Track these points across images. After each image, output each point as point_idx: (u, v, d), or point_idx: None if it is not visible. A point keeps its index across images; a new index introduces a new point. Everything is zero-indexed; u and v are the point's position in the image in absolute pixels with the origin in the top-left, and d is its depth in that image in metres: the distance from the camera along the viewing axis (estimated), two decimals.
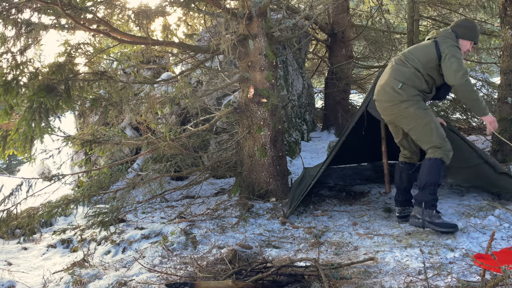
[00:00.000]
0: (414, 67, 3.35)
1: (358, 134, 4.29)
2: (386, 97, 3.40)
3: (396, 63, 3.44)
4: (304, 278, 2.56)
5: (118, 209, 4.00)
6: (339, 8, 7.79)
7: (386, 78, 3.42)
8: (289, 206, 4.00)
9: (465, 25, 3.50)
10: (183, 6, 4.17)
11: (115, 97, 4.10)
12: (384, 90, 3.41)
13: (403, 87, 3.31)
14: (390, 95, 3.36)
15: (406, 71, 3.35)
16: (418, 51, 3.44)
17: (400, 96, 3.31)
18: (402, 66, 3.39)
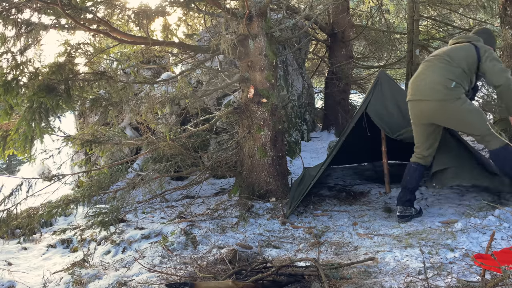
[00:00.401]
0: (461, 67, 3.39)
1: (358, 134, 4.30)
2: (438, 96, 3.38)
3: (441, 62, 3.45)
4: (304, 278, 2.56)
5: (118, 209, 4.00)
6: (339, 8, 7.79)
7: (435, 77, 3.41)
8: (289, 206, 4.00)
9: (487, 32, 3.68)
10: (183, 6, 4.18)
11: (115, 97, 4.10)
12: (434, 89, 3.39)
13: (456, 86, 3.35)
14: (442, 93, 3.36)
15: (455, 70, 3.39)
16: (460, 52, 3.47)
17: (455, 93, 3.35)
18: (450, 66, 3.41)
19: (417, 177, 3.64)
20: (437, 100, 3.39)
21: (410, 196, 3.65)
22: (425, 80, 3.47)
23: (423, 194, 4.33)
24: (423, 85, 3.48)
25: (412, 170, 3.65)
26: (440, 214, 3.73)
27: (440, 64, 3.45)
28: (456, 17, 8.75)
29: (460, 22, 8.96)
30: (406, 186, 3.66)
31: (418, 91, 3.51)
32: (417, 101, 3.52)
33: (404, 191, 3.67)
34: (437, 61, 3.49)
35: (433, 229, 3.33)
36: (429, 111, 3.46)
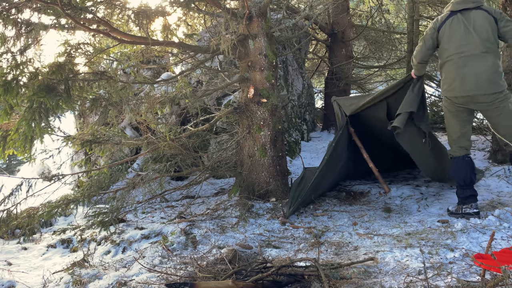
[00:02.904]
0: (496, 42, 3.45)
1: (355, 149, 4.39)
2: (495, 88, 3.37)
3: (488, 52, 3.40)
4: (304, 278, 2.56)
5: (118, 209, 4.00)
6: (339, 8, 7.79)
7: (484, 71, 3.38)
8: (289, 206, 3.99)
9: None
10: (183, 6, 4.17)
11: (115, 97, 4.10)
12: (490, 80, 3.37)
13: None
14: (497, 85, 3.38)
15: (498, 61, 3.45)
16: (488, 28, 3.41)
17: (504, 84, 3.41)
18: (493, 56, 3.43)
19: (472, 167, 3.62)
20: (492, 93, 3.39)
21: (471, 191, 3.56)
22: (478, 75, 3.41)
23: (423, 194, 4.34)
24: (478, 79, 3.40)
25: (470, 163, 3.59)
26: (440, 214, 3.73)
27: (488, 54, 3.39)
28: None
29: None
30: (473, 180, 3.57)
31: (478, 83, 3.39)
32: (478, 95, 3.42)
33: (472, 187, 3.56)
34: (485, 50, 3.40)
35: (433, 229, 3.33)
36: (481, 102, 3.45)
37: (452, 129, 3.61)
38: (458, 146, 3.60)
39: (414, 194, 4.34)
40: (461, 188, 3.57)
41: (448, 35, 3.51)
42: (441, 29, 3.53)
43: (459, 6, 3.49)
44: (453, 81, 3.47)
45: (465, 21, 3.46)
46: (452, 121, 3.60)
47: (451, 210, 3.67)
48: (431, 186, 4.51)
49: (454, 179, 3.68)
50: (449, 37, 3.50)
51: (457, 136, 3.60)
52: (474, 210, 3.49)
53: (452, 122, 3.60)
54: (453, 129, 3.61)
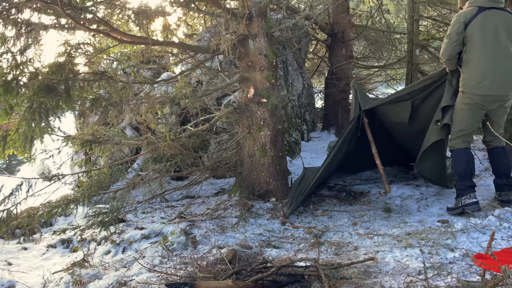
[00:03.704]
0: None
1: (360, 141, 4.35)
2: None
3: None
4: (304, 278, 2.56)
5: (118, 209, 4.00)
6: (339, 8, 7.78)
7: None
8: (289, 206, 3.99)
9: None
10: (183, 6, 4.17)
11: (115, 97, 4.10)
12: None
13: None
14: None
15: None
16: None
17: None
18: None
19: (473, 160, 3.70)
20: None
21: (470, 182, 3.60)
22: (506, 76, 3.45)
23: (423, 194, 4.34)
24: (507, 81, 3.46)
25: (468, 155, 3.64)
26: (440, 214, 3.73)
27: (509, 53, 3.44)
28: None
29: None
30: (467, 173, 3.61)
31: (502, 85, 3.45)
32: (504, 96, 3.49)
33: (464, 180, 3.59)
34: (506, 48, 3.44)
35: (433, 229, 3.33)
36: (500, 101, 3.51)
37: (465, 124, 3.60)
38: (464, 140, 3.62)
39: (414, 194, 4.34)
40: (461, 179, 3.58)
41: (479, 32, 3.42)
42: (470, 24, 3.44)
43: (489, 3, 3.45)
44: (483, 79, 3.42)
45: (497, 20, 3.42)
46: (468, 116, 3.57)
47: (451, 206, 3.69)
48: (431, 186, 4.50)
49: (455, 171, 3.69)
50: (480, 35, 3.41)
51: (468, 131, 3.62)
52: (473, 199, 3.50)
53: (468, 117, 3.57)
54: (466, 124, 3.60)
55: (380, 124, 4.53)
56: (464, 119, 3.59)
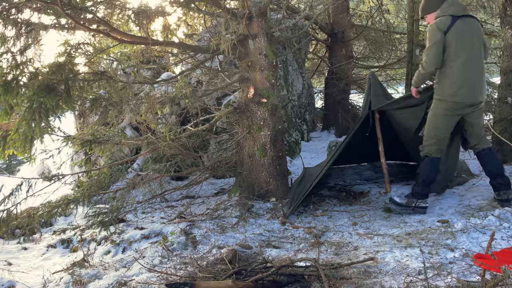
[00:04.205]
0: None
1: (359, 135, 4.31)
2: (485, 95, 3.68)
3: (483, 60, 3.64)
4: (304, 278, 2.56)
5: (118, 209, 4.00)
6: (339, 8, 7.78)
7: (483, 79, 3.62)
8: (289, 206, 4.00)
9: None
10: (183, 6, 4.17)
11: (115, 97, 4.10)
12: (484, 90, 3.65)
13: None
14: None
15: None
16: (482, 38, 3.64)
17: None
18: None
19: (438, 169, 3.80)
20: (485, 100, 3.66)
21: (428, 189, 3.79)
22: (483, 83, 3.62)
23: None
24: (482, 89, 3.62)
25: (438, 165, 3.74)
26: (440, 214, 3.73)
27: (481, 60, 3.59)
28: None
29: None
30: (431, 181, 3.75)
31: (479, 94, 3.59)
32: (477, 104, 3.62)
33: (425, 186, 3.74)
34: (479, 56, 3.57)
35: (433, 229, 3.33)
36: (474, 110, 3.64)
37: (441, 131, 3.70)
38: (438, 148, 3.73)
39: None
40: (424, 185, 3.74)
41: (456, 40, 3.48)
42: (448, 33, 3.49)
43: (461, 11, 3.54)
44: (461, 87, 3.51)
45: (469, 27, 3.52)
46: (444, 123, 3.67)
47: (401, 202, 3.78)
48: None
49: (422, 176, 3.78)
50: (457, 43, 3.48)
51: (443, 138, 3.72)
52: (426, 204, 3.75)
53: (445, 124, 3.68)
54: (442, 131, 3.70)
55: (387, 123, 4.52)
56: (440, 125, 3.68)
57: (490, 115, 7.00)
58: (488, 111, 7.15)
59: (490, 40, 7.62)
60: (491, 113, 6.86)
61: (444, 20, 3.52)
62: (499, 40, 6.45)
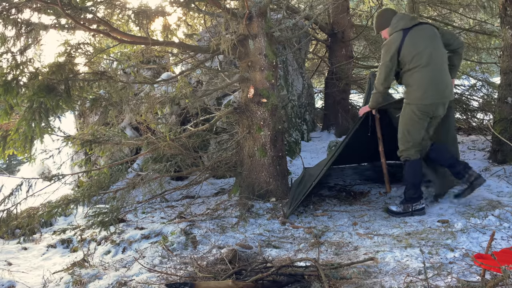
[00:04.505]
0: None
1: (359, 135, 4.30)
2: (453, 95, 3.84)
3: (446, 62, 3.74)
4: (304, 278, 2.56)
5: (118, 209, 4.00)
6: (339, 8, 7.78)
7: (449, 77, 3.73)
8: (289, 206, 4.00)
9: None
10: (183, 6, 4.17)
11: (115, 97, 4.10)
12: (451, 89, 3.77)
13: None
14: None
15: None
16: (440, 40, 3.75)
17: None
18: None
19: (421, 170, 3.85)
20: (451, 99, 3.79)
21: (420, 191, 3.85)
22: (447, 80, 3.72)
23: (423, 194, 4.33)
24: (449, 86, 3.73)
25: (421, 166, 3.80)
26: (440, 214, 3.73)
27: (443, 61, 3.70)
28: (456, 17, 8.74)
29: (460, 22, 8.95)
30: (416, 183, 3.81)
31: (445, 91, 3.69)
32: (444, 103, 3.72)
33: (415, 189, 3.81)
34: (440, 57, 3.68)
35: (433, 229, 3.33)
36: (445, 110, 3.77)
37: (416, 135, 3.76)
38: (416, 150, 3.78)
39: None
40: (415, 188, 3.79)
41: (412, 50, 3.61)
42: (403, 48, 3.64)
43: (411, 22, 3.69)
44: (426, 89, 3.62)
45: (423, 34, 3.65)
46: (418, 126, 3.74)
47: (398, 210, 3.81)
48: (430, 186, 4.50)
49: (410, 180, 3.85)
50: (414, 52, 3.60)
51: (418, 141, 3.78)
52: (422, 205, 3.78)
53: (418, 127, 3.74)
54: (416, 135, 3.76)
55: (388, 123, 4.51)
56: (413, 130, 3.74)
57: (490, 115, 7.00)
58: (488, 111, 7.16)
59: (490, 40, 7.62)
60: (491, 113, 6.87)
61: (395, 37, 3.69)
62: (499, 40, 6.45)
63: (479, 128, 6.89)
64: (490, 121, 6.88)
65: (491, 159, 5.16)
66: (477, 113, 7.48)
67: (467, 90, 7.76)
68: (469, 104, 7.61)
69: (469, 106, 7.59)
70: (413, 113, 3.70)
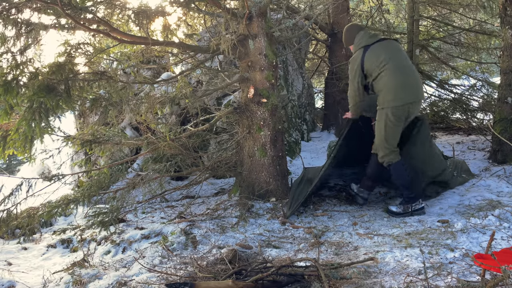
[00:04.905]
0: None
1: (359, 135, 4.31)
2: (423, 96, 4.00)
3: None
4: (304, 278, 2.56)
5: (118, 209, 4.00)
6: (339, 8, 7.78)
7: (419, 80, 3.87)
8: (289, 206, 4.00)
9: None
10: (183, 6, 4.17)
11: (115, 97, 4.10)
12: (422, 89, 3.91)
13: None
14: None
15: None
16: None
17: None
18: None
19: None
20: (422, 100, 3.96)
21: (415, 189, 3.87)
22: (418, 81, 3.84)
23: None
24: (419, 86, 3.84)
25: (402, 164, 3.83)
26: (440, 214, 3.74)
27: (409, 64, 3.88)
28: (456, 17, 8.74)
29: (460, 22, 8.96)
30: (407, 183, 3.84)
31: (415, 90, 3.79)
32: (416, 102, 3.81)
33: (410, 189, 3.82)
34: (405, 60, 3.85)
35: (433, 229, 3.33)
36: (418, 110, 3.90)
37: (394, 139, 3.81)
38: (396, 153, 3.82)
39: None
40: (409, 188, 3.81)
41: (374, 59, 3.75)
42: (366, 63, 3.79)
43: (371, 40, 3.86)
44: (396, 91, 3.69)
45: (385, 46, 3.82)
46: (395, 130, 3.78)
47: (398, 211, 3.82)
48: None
49: (398, 183, 3.90)
50: (376, 60, 3.74)
51: (396, 144, 3.82)
52: (421, 205, 3.79)
53: (396, 131, 3.79)
54: (394, 140, 3.81)
55: None
56: (391, 134, 3.79)
57: (490, 115, 7.00)
58: (488, 111, 7.16)
59: (490, 40, 7.63)
60: (491, 113, 6.87)
61: (357, 55, 3.89)
62: (499, 40, 6.45)
63: (479, 128, 6.89)
64: (490, 121, 6.89)
65: (491, 159, 5.16)
66: (477, 113, 7.49)
67: (467, 90, 7.76)
68: (469, 104, 7.61)
69: (469, 106, 7.59)
70: (387, 118, 3.74)
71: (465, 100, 7.67)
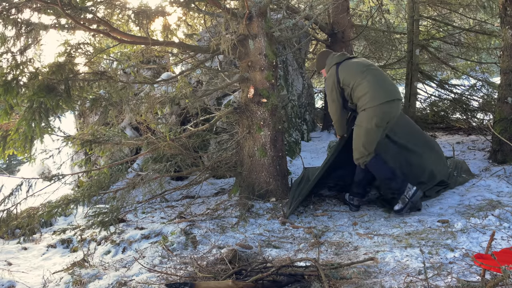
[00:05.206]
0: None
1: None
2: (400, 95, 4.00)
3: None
4: (304, 278, 2.56)
5: (118, 209, 4.00)
6: (339, 8, 7.78)
7: (395, 85, 4.04)
8: (289, 206, 4.00)
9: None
10: (183, 6, 4.17)
11: (115, 97, 4.10)
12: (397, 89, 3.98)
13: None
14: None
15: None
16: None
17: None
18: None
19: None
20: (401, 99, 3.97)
21: (400, 179, 3.89)
22: (394, 86, 3.93)
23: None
24: (396, 90, 3.91)
25: (378, 158, 3.88)
26: (440, 214, 3.73)
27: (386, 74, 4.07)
28: (456, 17, 8.74)
29: (460, 22, 8.96)
30: (388, 175, 3.89)
31: (394, 90, 3.86)
32: (396, 100, 3.84)
33: (395, 181, 3.86)
34: (378, 68, 4.01)
35: (433, 229, 3.33)
36: (399, 110, 3.94)
37: (371, 145, 3.84)
38: (371, 153, 3.86)
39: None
40: (393, 179, 3.84)
41: (348, 70, 3.88)
42: (341, 78, 3.89)
43: (341, 58, 4.02)
44: (375, 91, 3.74)
45: (357, 60, 3.97)
46: (377, 133, 3.81)
47: (400, 207, 3.82)
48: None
49: (383, 177, 3.92)
50: (350, 72, 3.87)
51: (372, 149, 3.86)
52: (413, 188, 3.75)
53: (377, 134, 3.82)
54: (372, 146, 3.85)
55: None
56: (371, 138, 3.82)
57: (490, 115, 7.00)
58: (488, 111, 7.16)
59: (490, 40, 7.63)
60: (491, 113, 6.87)
61: (331, 72, 4.00)
62: (499, 40, 6.45)
63: (479, 128, 6.89)
64: (490, 121, 6.89)
65: (491, 159, 5.16)
66: (477, 113, 7.50)
67: (467, 90, 7.77)
68: (469, 104, 7.62)
69: (469, 106, 7.60)
70: (369, 121, 3.75)
71: (465, 100, 7.68)
